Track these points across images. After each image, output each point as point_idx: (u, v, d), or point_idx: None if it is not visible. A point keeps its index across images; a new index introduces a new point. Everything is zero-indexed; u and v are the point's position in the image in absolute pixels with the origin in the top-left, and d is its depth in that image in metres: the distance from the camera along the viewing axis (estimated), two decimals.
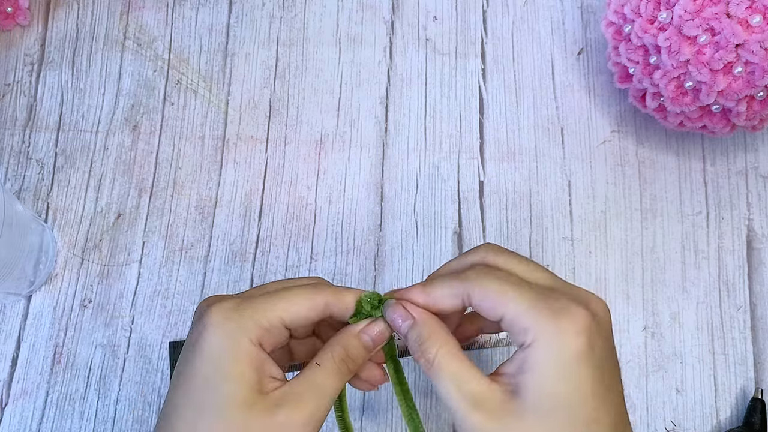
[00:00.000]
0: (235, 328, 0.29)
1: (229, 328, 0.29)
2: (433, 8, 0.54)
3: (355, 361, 0.32)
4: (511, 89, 0.53)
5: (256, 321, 0.29)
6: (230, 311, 0.30)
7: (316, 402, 0.30)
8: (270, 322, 0.30)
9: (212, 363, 0.29)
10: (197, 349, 0.29)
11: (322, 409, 0.30)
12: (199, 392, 0.29)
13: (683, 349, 0.47)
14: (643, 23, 0.44)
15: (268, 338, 0.30)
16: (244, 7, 0.54)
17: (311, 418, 0.29)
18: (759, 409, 0.44)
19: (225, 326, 0.29)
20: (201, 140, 0.51)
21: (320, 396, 0.30)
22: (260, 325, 0.30)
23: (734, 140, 0.52)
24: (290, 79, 0.52)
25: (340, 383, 0.31)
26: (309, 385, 0.30)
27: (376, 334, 0.32)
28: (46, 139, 0.50)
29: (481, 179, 0.50)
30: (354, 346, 0.32)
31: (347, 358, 0.31)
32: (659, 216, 0.50)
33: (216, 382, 0.29)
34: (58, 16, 0.53)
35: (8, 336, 0.46)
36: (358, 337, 0.32)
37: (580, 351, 0.27)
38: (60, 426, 0.44)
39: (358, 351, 0.32)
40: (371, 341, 0.32)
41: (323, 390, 0.30)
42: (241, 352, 0.29)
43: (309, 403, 0.30)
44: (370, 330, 0.32)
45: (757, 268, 0.49)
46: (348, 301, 0.32)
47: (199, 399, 0.29)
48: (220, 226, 0.49)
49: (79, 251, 0.48)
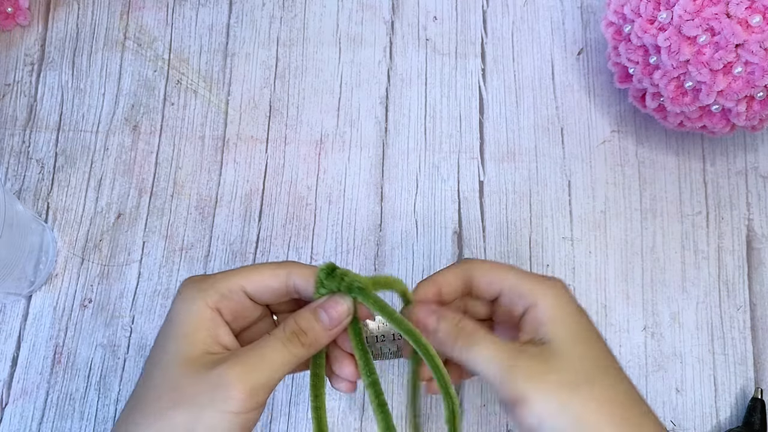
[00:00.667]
0: (196, 293, 0.31)
1: (190, 294, 0.31)
2: (433, 8, 0.55)
3: (308, 334, 0.31)
4: (511, 89, 0.53)
5: (216, 288, 0.31)
6: (195, 281, 0.32)
7: (252, 364, 0.29)
8: (229, 289, 0.31)
9: (170, 324, 0.31)
10: (166, 315, 0.32)
11: (258, 373, 0.29)
12: (156, 350, 0.31)
13: (683, 349, 0.47)
14: (643, 23, 0.44)
15: (227, 304, 0.31)
16: (244, 7, 0.54)
17: (244, 378, 0.29)
18: (759, 409, 0.44)
19: (187, 293, 0.31)
20: (201, 140, 0.51)
21: (259, 360, 0.30)
22: (219, 291, 0.31)
23: (734, 140, 0.52)
24: (290, 79, 0.52)
25: (287, 353, 0.30)
26: (252, 350, 0.30)
27: (334, 310, 0.32)
28: (46, 139, 0.50)
29: (481, 179, 0.50)
30: (306, 318, 0.31)
31: (299, 331, 0.31)
32: (659, 216, 0.50)
33: (167, 341, 0.31)
34: (58, 16, 0.53)
35: (8, 336, 0.46)
36: (314, 311, 0.32)
37: (572, 302, 0.33)
38: (60, 426, 0.44)
39: (310, 324, 0.31)
40: (327, 318, 0.31)
41: (263, 355, 0.30)
42: (195, 314, 0.31)
43: (244, 363, 0.29)
44: (326, 305, 0.32)
45: (757, 268, 0.49)
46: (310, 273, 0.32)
47: (154, 356, 0.31)
48: (220, 226, 0.49)
49: (79, 251, 0.48)
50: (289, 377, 0.45)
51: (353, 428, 0.45)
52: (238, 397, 0.29)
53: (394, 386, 0.46)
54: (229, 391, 0.28)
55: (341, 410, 0.45)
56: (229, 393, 0.28)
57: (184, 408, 0.29)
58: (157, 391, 0.30)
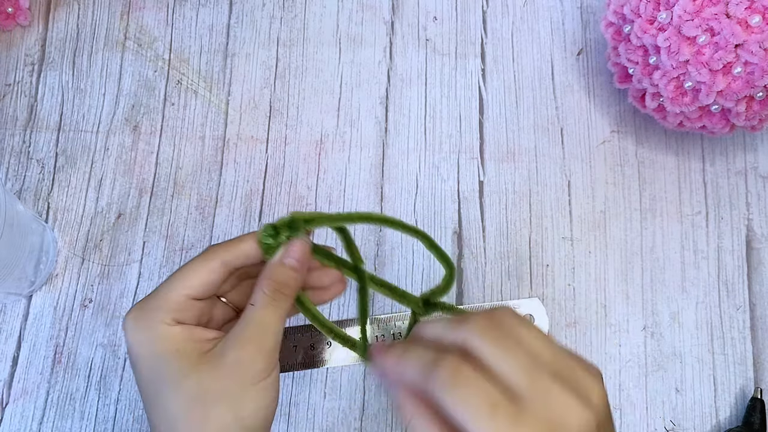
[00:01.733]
0: (147, 321, 0.31)
1: (143, 325, 0.31)
2: (433, 8, 0.55)
3: (288, 284, 0.32)
4: (510, 89, 0.53)
5: (162, 307, 0.31)
6: (137, 312, 0.31)
7: (257, 336, 0.31)
8: (176, 302, 0.31)
9: (148, 357, 0.31)
10: (132, 359, 0.32)
11: (266, 341, 0.31)
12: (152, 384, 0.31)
13: (683, 348, 0.47)
14: (643, 23, 0.44)
15: (185, 315, 0.31)
16: (245, 8, 0.54)
17: (258, 351, 0.30)
18: (758, 409, 0.44)
19: (138, 325, 0.31)
20: (201, 140, 0.51)
21: (260, 330, 0.31)
22: (168, 308, 0.31)
23: (734, 140, 0.52)
24: (290, 80, 0.52)
25: (278, 310, 0.32)
26: (246, 324, 0.31)
27: (297, 252, 0.32)
28: (46, 139, 0.50)
29: (481, 179, 0.51)
30: (280, 272, 0.32)
31: (279, 286, 0.32)
32: (659, 216, 0.50)
33: (159, 369, 0.30)
34: (58, 17, 0.53)
35: (9, 336, 0.46)
36: (281, 263, 0.32)
37: None
38: (60, 426, 0.44)
39: (286, 275, 0.32)
40: (296, 261, 0.32)
41: (261, 323, 0.31)
42: (166, 335, 0.31)
43: (251, 339, 0.30)
44: (289, 252, 0.32)
45: (757, 268, 0.49)
46: (244, 248, 0.32)
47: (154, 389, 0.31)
48: (220, 226, 0.49)
49: (79, 251, 0.48)
50: (289, 378, 0.45)
51: (353, 428, 0.45)
52: (260, 368, 0.30)
53: None
54: (250, 367, 0.30)
55: (341, 410, 0.45)
56: (251, 368, 0.30)
57: (221, 401, 0.30)
58: (183, 405, 0.30)
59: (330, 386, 0.46)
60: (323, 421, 0.45)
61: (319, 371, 0.45)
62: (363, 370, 0.46)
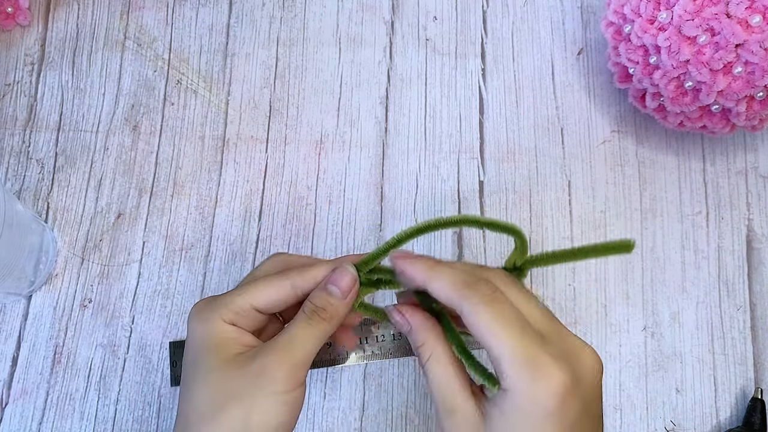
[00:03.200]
0: (209, 313, 0.33)
1: (204, 315, 0.33)
2: (433, 8, 0.55)
3: (325, 309, 0.33)
4: (511, 89, 0.53)
5: (229, 307, 0.33)
6: (205, 303, 0.34)
7: (286, 347, 0.32)
8: (240, 307, 0.33)
9: (196, 344, 0.33)
10: (187, 340, 0.34)
11: (294, 354, 0.32)
12: (190, 367, 0.33)
13: (683, 348, 0.47)
14: (643, 23, 0.44)
15: (242, 320, 0.33)
16: (244, 7, 0.54)
17: (283, 361, 0.31)
18: (759, 409, 0.44)
19: (200, 315, 0.34)
20: (201, 140, 0.51)
21: (290, 342, 0.32)
22: (232, 310, 0.33)
23: (734, 140, 0.52)
24: (290, 79, 0.52)
25: (313, 330, 0.33)
26: (281, 336, 0.32)
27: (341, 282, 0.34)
28: (46, 139, 0.50)
29: (481, 179, 0.50)
30: (320, 297, 0.33)
31: (318, 309, 0.33)
32: (659, 216, 0.50)
33: (200, 358, 0.33)
34: (58, 16, 0.53)
35: (8, 336, 0.46)
36: (324, 288, 0.34)
37: (549, 411, 0.28)
38: (60, 426, 0.44)
39: (324, 300, 0.33)
40: (337, 289, 0.33)
41: (292, 336, 0.32)
42: (216, 330, 0.33)
43: (280, 349, 0.32)
44: (333, 279, 0.34)
45: (757, 268, 0.49)
46: (314, 274, 0.34)
47: (190, 372, 0.33)
48: (220, 226, 0.49)
49: (79, 251, 0.48)
50: None
51: (353, 428, 0.45)
52: (281, 377, 0.31)
53: (393, 386, 0.46)
54: (271, 374, 0.31)
55: (341, 410, 0.45)
56: (272, 376, 0.31)
57: (236, 401, 0.31)
58: (201, 400, 0.32)
59: (330, 386, 0.46)
60: (323, 421, 0.45)
61: (319, 371, 0.45)
62: (363, 371, 0.46)
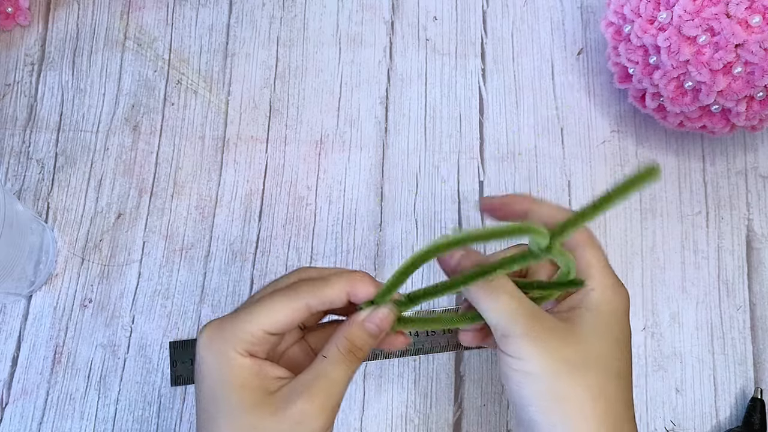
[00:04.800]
0: (221, 345, 0.31)
1: (216, 348, 0.31)
2: (433, 8, 0.55)
3: (362, 348, 0.32)
4: (510, 89, 0.53)
5: (239, 336, 0.31)
6: (215, 331, 0.31)
7: (326, 392, 0.30)
8: (253, 334, 0.31)
9: (212, 380, 0.31)
10: (198, 373, 0.32)
11: (333, 398, 0.31)
12: (211, 406, 0.31)
13: (683, 348, 0.47)
14: (643, 23, 0.44)
15: (257, 347, 0.31)
16: (244, 8, 0.54)
17: (324, 408, 0.30)
18: (759, 409, 0.44)
19: (212, 347, 0.31)
20: (201, 140, 0.51)
21: (330, 386, 0.31)
22: (244, 340, 0.31)
23: (734, 140, 0.52)
24: (290, 79, 0.52)
25: (348, 371, 0.32)
26: (316, 375, 0.31)
27: (380, 320, 0.32)
28: (46, 139, 0.50)
29: (481, 179, 0.50)
30: (358, 336, 0.32)
31: (353, 348, 0.32)
32: (659, 216, 0.50)
33: (220, 395, 0.30)
34: (58, 16, 0.53)
35: (8, 336, 0.46)
36: (362, 326, 0.32)
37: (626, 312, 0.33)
38: (60, 426, 0.44)
39: (363, 340, 0.32)
40: (376, 327, 0.32)
41: (332, 380, 0.31)
42: (235, 365, 0.30)
43: (319, 394, 0.30)
44: (372, 318, 0.32)
45: (757, 268, 0.49)
46: (330, 295, 0.32)
47: (211, 413, 0.30)
48: (220, 226, 0.49)
49: (79, 251, 0.48)
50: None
51: (353, 428, 0.45)
52: (321, 425, 0.30)
53: (393, 386, 0.46)
54: (313, 423, 0.30)
55: (341, 410, 0.45)
56: (313, 424, 0.30)
57: None
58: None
59: None
60: None
61: None
62: (363, 370, 0.46)
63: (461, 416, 0.45)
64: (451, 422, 0.45)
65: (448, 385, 0.46)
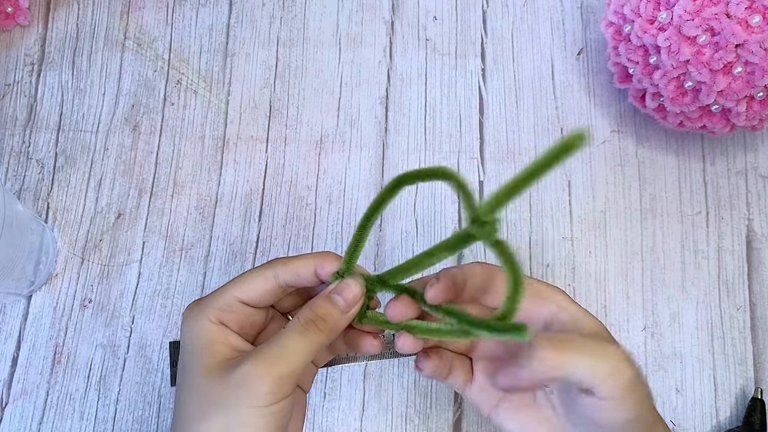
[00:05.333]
0: (197, 314, 0.32)
1: (192, 316, 0.32)
2: (433, 8, 0.55)
3: (324, 319, 0.31)
4: (510, 89, 0.53)
5: (212, 305, 0.32)
6: (193, 304, 0.33)
7: (274, 357, 0.30)
8: (225, 302, 0.32)
9: (185, 347, 0.32)
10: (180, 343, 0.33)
11: (282, 366, 0.30)
12: (180, 372, 0.32)
13: (683, 349, 0.47)
14: (643, 23, 0.44)
15: (229, 316, 0.32)
16: (244, 8, 0.54)
17: (268, 373, 0.29)
18: (759, 409, 0.44)
19: (189, 316, 0.33)
20: (201, 140, 0.51)
21: (280, 352, 0.30)
22: (216, 307, 0.32)
23: (734, 140, 0.52)
24: (290, 79, 0.52)
25: (305, 341, 0.31)
26: (270, 344, 0.31)
27: (348, 293, 0.32)
28: (46, 139, 0.50)
29: (481, 179, 0.50)
30: (321, 305, 0.32)
31: (315, 318, 0.31)
32: (659, 216, 0.50)
33: (188, 361, 0.32)
34: (58, 16, 0.53)
35: (8, 336, 0.46)
36: (328, 297, 0.32)
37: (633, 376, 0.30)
38: (60, 426, 0.44)
39: (326, 310, 0.31)
40: (342, 300, 0.32)
41: (283, 347, 0.30)
42: (202, 330, 0.32)
43: (266, 359, 0.30)
44: (339, 289, 0.32)
45: (757, 268, 0.49)
46: (297, 266, 0.32)
47: (180, 377, 0.32)
48: (220, 226, 0.49)
49: (79, 251, 0.48)
50: None
51: (353, 428, 0.45)
52: (264, 390, 0.29)
53: (393, 386, 0.46)
54: (254, 387, 0.29)
55: (341, 410, 0.45)
56: (254, 389, 0.29)
57: (216, 412, 0.29)
58: (188, 406, 0.31)
59: (330, 386, 0.46)
60: (323, 421, 0.45)
61: (319, 371, 0.45)
62: (363, 370, 0.46)
63: (461, 416, 0.45)
64: (451, 422, 0.45)
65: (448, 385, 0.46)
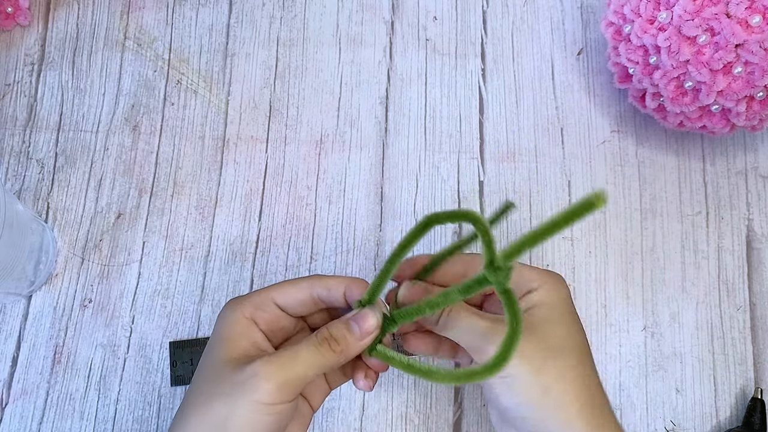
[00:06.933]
0: (234, 306, 0.35)
1: (229, 308, 0.35)
2: (433, 8, 0.55)
3: (339, 342, 0.33)
4: (511, 89, 0.53)
5: (250, 301, 0.35)
6: (233, 300, 0.36)
7: (285, 362, 0.32)
8: (261, 301, 0.35)
9: (215, 333, 0.35)
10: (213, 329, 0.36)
11: (290, 371, 0.32)
12: (204, 355, 0.35)
13: (683, 349, 0.47)
14: (643, 23, 0.44)
15: (261, 315, 0.35)
16: (244, 7, 0.54)
17: (276, 375, 0.31)
18: (759, 409, 0.44)
19: (227, 307, 0.35)
20: (201, 140, 0.51)
21: (292, 359, 0.32)
22: (253, 304, 0.35)
23: (734, 140, 0.52)
24: (290, 79, 0.52)
25: (317, 356, 0.33)
26: (285, 350, 0.33)
27: (364, 323, 0.34)
28: (46, 139, 0.50)
29: (481, 179, 0.50)
30: (338, 328, 0.34)
31: (330, 338, 0.33)
32: (659, 216, 0.50)
33: (213, 346, 0.34)
34: (58, 16, 0.53)
35: (8, 336, 0.46)
36: (346, 322, 0.34)
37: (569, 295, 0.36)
38: (60, 426, 0.44)
39: (341, 333, 0.34)
40: (358, 329, 0.34)
41: (295, 355, 0.32)
42: (234, 323, 0.34)
43: (277, 361, 0.32)
44: (357, 318, 0.34)
45: (757, 268, 0.49)
46: (329, 283, 0.35)
47: (203, 360, 0.35)
48: (220, 226, 0.49)
49: (79, 251, 0.48)
50: None
51: (353, 428, 0.45)
52: (267, 388, 0.31)
53: (393, 386, 0.46)
54: (259, 383, 0.31)
55: (341, 410, 0.45)
56: (259, 384, 0.31)
57: (222, 398, 0.31)
58: (202, 387, 0.33)
59: None
60: (323, 421, 0.45)
61: None
62: None
63: (461, 416, 0.45)
64: (451, 422, 0.45)
65: (448, 385, 0.46)
